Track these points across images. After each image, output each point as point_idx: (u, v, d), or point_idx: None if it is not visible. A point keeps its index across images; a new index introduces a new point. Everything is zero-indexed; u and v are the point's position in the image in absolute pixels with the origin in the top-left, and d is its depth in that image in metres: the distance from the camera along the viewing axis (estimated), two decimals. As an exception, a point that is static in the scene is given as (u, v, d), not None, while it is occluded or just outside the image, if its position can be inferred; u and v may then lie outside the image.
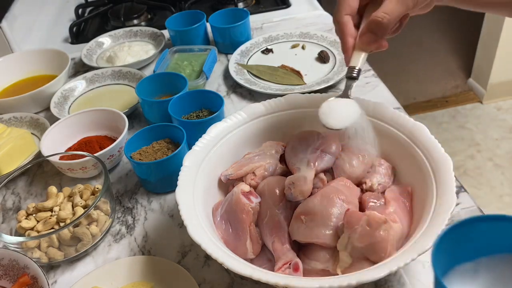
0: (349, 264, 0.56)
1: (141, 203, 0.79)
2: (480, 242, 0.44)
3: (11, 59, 1.13)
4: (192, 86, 0.97)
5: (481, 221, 0.44)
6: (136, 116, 0.98)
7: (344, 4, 0.59)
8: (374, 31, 0.57)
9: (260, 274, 0.52)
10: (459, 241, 0.44)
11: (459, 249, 0.44)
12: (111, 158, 0.82)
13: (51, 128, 0.87)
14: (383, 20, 0.56)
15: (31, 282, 0.60)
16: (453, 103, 2.41)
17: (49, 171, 0.82)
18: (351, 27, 0.60)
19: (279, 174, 0.70)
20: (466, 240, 0.44)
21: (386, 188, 0.66)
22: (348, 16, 0.60)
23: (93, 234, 0.69)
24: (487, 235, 0.44)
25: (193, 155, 0.66)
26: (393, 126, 0.67)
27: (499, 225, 0.43)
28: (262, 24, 1.24)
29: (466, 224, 0.44)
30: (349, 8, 0.59)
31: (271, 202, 0.64)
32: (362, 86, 0.97)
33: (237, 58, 1.08)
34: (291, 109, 0.73)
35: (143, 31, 1.23)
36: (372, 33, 0.58)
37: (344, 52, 0.61)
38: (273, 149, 0.71)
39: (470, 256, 0.45)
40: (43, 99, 1.01)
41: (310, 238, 0.59)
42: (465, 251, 0.45)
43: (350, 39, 0.60)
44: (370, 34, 0.58)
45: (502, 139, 2.17)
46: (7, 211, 0.75)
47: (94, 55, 1.18)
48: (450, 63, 2.65)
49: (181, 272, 0.64)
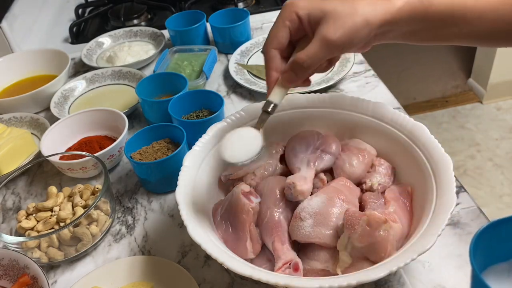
0: (349, 264, 0.56)
1: (141, 203, 0.79)
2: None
3: (11, 59, 1.13)
4: (192, 86, 0.97)
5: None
6: (136, 116, 0.98)
7: (273, 38, 0.58)
8: (295, 71, 0.56)
9: (260, 274, 0.52)
10: (496, 240, 0.44)
11: (496, 248, 0.45)
12: (111, 158, 0.82)
13: (51, 128, 0.87)
14: (303, 63, 0.55)
15: (31, 282, 0.60)
16: (453, 103, 2.41)
17: (49, 171, 0.82)
18: (277, 61, 0.58)
19: (279, 174, 0.70)
20: (503, 239, 0.44)
21: (386, 188, 0.66)
22: (275, 50, 0.58)
23: (93, 234, 0.69)
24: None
25: (193, 155, 0.66)
26: (393, 126, 0.67)
27: None
28: (262, 24, 1.24)
29: (504, 222, 0.44)
30: (277, 43, 0.58)
31: (271, 202, 0.64)
32: (362, 86, 0.97)
33: (237, 58, 1.08)
34: (291, 109, 0.73)
35: (143, 31, 1.23)
36: (293, 72, 0.57)
37: (267, 84, 0.60)
38: (273, 149, 0.71)
39: (507, 255, 0.46)
40: (43, 99, 1.01)
41: (310, 238, 0.59)
42: (502, 251, 0.45)
43: (273, 73, 0.58)
44: (291, 73, 0.57)
45: (502, 139, 2.17)
46: (7, 211, 0.75)
47: (94, 55, 1.18)
48: (450, 63, 2.65)
49: (181, 272, 0.64)
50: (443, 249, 0.63)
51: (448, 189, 0.57)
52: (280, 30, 0.58)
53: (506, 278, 0.46)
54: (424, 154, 0.63)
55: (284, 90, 0.59)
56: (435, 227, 0.53)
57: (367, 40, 0.56)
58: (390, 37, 0.58)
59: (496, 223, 0.44)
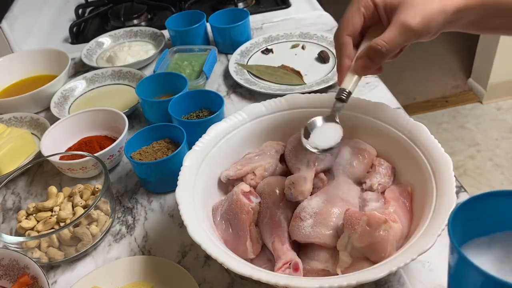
0: (349, 264, 0.56)
1: (141, 203, 0.79)
2: (496, 217, 0.46)
3: (11, 59, 1.13)
4: (192, 86, 0.97)
5: (497, 196, 0.45)
6: (136, 116, 0.98)
7: (347, 24, 0.58)
8: (372, 57, 0.57)
9: (260, 274, 0.52)
10: (476, 215, 0.45)
11: (476, 223, 0.46)
12: (111, 158, 0.82)
13: (51, 128, 0.87)
14: (382, 48, 0.55)
15: (31, 282, 0.60)
16: (453, 103, 2.41)
17: (49, 171, 0.82)
18: (350, 48, 0.59)
19: (279, 174, 0.70)
20: (483, 215, 0.45)
21: (386, 188, 0.66)
22: (348, 37, 0.58)
23: (93, 234, 0.69)
24: (504, 210, 0.45)
25: (193, 155, 0.66)
26: (393, 126, 0.67)
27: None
28: (262, 24, 1.24)
29: (483, 198, 0.45)
30: (351, 29, 0.58)
31: (271, 202, 0.64)
32: (362, 86, 0.97)
33: (237, 58, 1.08)
34: (291, 109, 0.73)
35: (143, 31, 1.23)
36: (369, 59, 0.57)
37: (338, 72, 0.60)
38: (273, 149, 0.71)
39: (487, 230, 0.47)
40: (43, 99, 1.01)
41: (310, 238, 0.59)
42: (482, 226, 0.46)
43: (346, 60, 0.59)
44: (366, 60, 0.57)
45: (502, 139, 2.17)
46: (7, 211, 0.75)
47: (94, 55, 1.18)
48: (450, 63, 2.65)
49: (181, 272, 0.64)
50: (443, 249, 0.63)
51: (448, 189, 0.57)
52: (355, 16, 0.58)
53: (486, 251, 0.47)
54: (424, 154, 0.63)
55: (357, 78, 0.59)
56: (435, 227, 0.53)
57: (441, 27, 0.56)
58: (457, 26, 0.58)
59: (476, 198, 0.45)
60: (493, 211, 0.46)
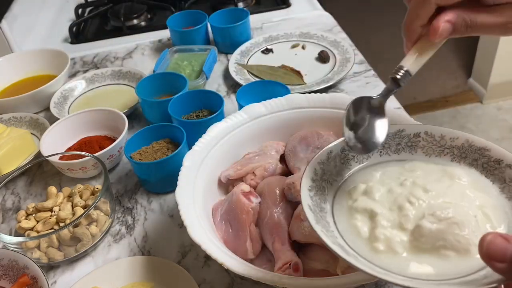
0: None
1: (141, 203, 0.78)
2: None
3: (11, 59, 1.13)
4: (192, 86, 0.97)
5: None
6: (136, 116, 0.98)
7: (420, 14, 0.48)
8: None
9: (260, 274, 0.52)
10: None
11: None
12: (111, 158, 0.82)
13: (51, 128, 0.87)
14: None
15: (31, 282, 0.60)
16: (453, 103, 2.41)
17: (49, 171, 0.82)
18: (429, 9, 0.47)
19: (279, 174, 0.70)
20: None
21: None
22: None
23: (93, 234, 0.69)
24: None
25: (193, 155, 0.66)
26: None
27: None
28: (262, 24, 1.24)
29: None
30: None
31: (271, 202, 0.64)
32: (362, 86, 0.97)
33: (237, 58, 1.08)
34: (291, 109, 0.73)
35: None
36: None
37: (406, 37, 0.51)
38: (273, 149, 0.71)
39: None
40: (43, 99, 1.01)
41: (310, 238, 0.59)
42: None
43: (417, 23, 0.49)
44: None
45: (502, 139, 2.17)
46: (7, 211, 0.75)
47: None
48: (450, 63, 2.65)
49: (181, 272, 0.64)
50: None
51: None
52: None
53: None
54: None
55: (428, 52, 0.49)
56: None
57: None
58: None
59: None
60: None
